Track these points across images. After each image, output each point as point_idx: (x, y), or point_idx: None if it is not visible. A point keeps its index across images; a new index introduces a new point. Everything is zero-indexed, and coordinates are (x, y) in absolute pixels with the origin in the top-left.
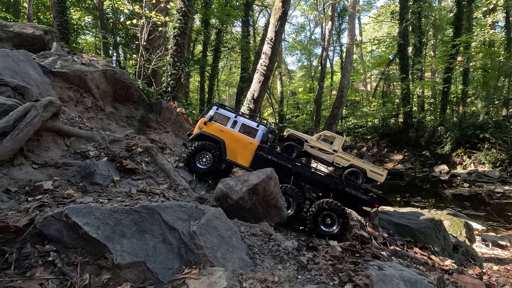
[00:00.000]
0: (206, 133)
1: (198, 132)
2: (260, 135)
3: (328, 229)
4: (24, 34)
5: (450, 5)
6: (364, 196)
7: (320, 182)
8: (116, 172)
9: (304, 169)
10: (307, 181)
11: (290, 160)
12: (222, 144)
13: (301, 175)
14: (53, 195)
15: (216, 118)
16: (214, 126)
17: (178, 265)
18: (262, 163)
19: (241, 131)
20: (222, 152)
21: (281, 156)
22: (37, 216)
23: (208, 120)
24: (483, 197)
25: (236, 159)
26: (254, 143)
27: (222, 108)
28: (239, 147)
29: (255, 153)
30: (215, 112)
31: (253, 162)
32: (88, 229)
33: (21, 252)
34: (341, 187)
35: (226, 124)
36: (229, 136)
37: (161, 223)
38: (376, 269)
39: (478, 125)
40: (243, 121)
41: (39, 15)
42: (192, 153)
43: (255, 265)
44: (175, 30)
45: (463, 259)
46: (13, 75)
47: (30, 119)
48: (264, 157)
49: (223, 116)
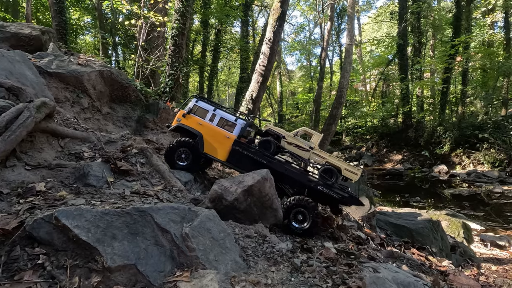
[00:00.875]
0: (184, 126)
1: (176, 125)
2: (238, 130)
3: (299, 225)
4: (21, 34)
5: (449, 5)
6: (335, 195)
7: (294, 179)
8: (110, 174)
9: (280, 165)
10: (282, 177)
11: (266, 156)
12: (200, 137)
13: (276, 172)
14: (45, 197)
15: (195, 110)
16: (192, 119)
17: (170, 268)
18: (238, 158)
19: (219, 125)
20: (200, 145)
21: (257, 152)
22: (27, 218)
23: (187, 112)
24: (482, 197)
25: (213, 153)
26: (231, 137)
27: (202, 101)
28: (216, 141)
29: (232, 147)
30: (194, 104)
31: (229, 156)
32: (78, 232)
33: (10, 255)
34: (314, 185)
35: (205, 117)
36: (207, 130)
37: (153, 225)
38: (371, 271)
39: (477, 125)
40: (221, 114)
41: (38, 15)
42: (171, 151)
43: (249, 268)
44: (173, 31)
45: (460, 259)
46: (8, 76)
47: (23, 120)
48: (240, 152)
49: (202, 109)
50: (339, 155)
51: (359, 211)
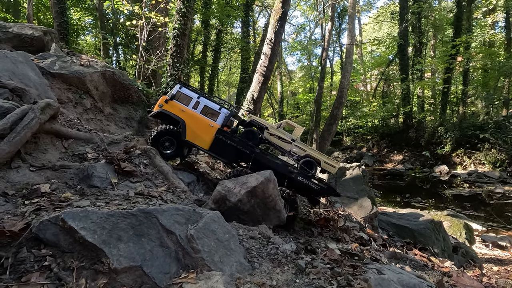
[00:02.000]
0: (167, 112)
1: (158, 110)
2: (221, 118)
3: None
4: (23, 35)
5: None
6: (315, 186)
7: (275, 170)
8: (114, 175)
9: (262, 156)
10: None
11: (249, 146)
12: (183, 124)
13: (258, 162)
14: (50, 198)
15: (179, 97)
16: (175, 105)
17: (176, 269)
18: (221, 147)
19: (203, 113)
20: (182, 132)
21: (240, 142)
22: (33, 220)
23: (170, 98)
24: (483, 198)
25: (195, 140)
26: (215, 126)
27: (186, 88)
28: (199, 128)
29: (215, 136)
30: (177, 91)
31: (212, 145)
32: (85, 234)
33: (16, 256)
34: (294, 175)
35: (188, 104)
36: (190, 117)
37: (158, 226)
38: (375, 272)
39: (478, 125)
40: (205, 102)
41: (39, 15)
42: (155, 139)
43: (253, 269)
44: (175, 31)
45: (463, 260)
46: (12, 77)
47: (28, 121)
48: (223, 141)
49: (186, 95)
50: (339, 155)
51: (361, 212)
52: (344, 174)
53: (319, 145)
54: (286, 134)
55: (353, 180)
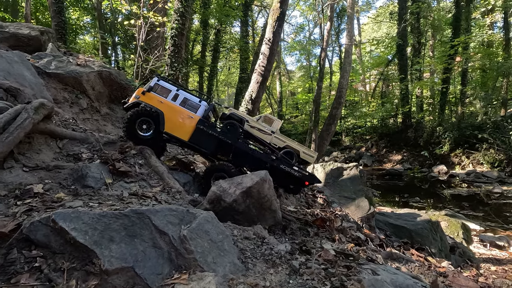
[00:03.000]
0: (144, 103)
1: (134, 101)
2: (202, 111)
3: None
4: (20, 34)
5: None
6: (296, 173)
7: (257, 159)
8: (109, 175)
9: (244, 146)
10: (245, 157)
11: (231, 137)
12: (161, 115)
13: (240, 152)
14: (43, 199)
15: (157, 89)
16: (153, 97)
17: (168, 270)
18: (203, 137)
19: (182, 105)
20: (161, 124)
21: (222, 132)
22: (24, 221)
23: (147, 90)
24: (482, 198)
25: (175, 132)
26: (195, 117)
27: (164, 81)
28: (179, 120)
29: (196, 127)
30: (155, 83)
31: (193, 136)
32: (76, 234)
33: (6, 258)
34: (276, 164)
35: (167, 96)
36: (169, 109)
37: (151, 227)
38: (370, 273)
39: (476, 125)
40: (185, 95)
41: (38, 15)
42: (131, 120)
43: (247, 270)
44: (173, 31)
45: (460, 260)
46: (7, 76)
47: (21, 121)
48: (205, 131)
49: (164, 88)
50: (338, 155)
51: (358, 212)
52: (342, 174)
53: (318, 145)
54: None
55: (350, 180)
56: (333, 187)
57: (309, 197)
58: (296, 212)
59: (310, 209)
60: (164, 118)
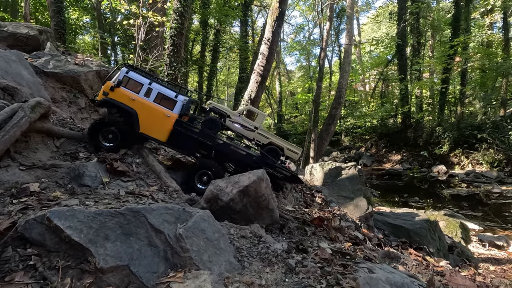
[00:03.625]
0: (114, 101)
1: (103, 99)
2: (179, 107)
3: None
4: (19, 34)
5: (448, 6)
6: (278, 174)
7: (239, 160)
8: (106, 174)
9: (225, 147)
10: (227, 158)
11: (210, 137)
12: (134, 115)
13: (221, 152)
14: (39, 197)
15: (126, 83)
16: (123, 93)
17: (164, 269)
18: (180, 139)
19: (157, 101)
20: (135, 124)
21: (201, 133)
22: (19, 219)
23: (116, 85)
24: (481, 198)
25: (151, 133)
26: (172, 116)
27: (134, 72)
28: (154, 119)
29: (173, 128)
30: (124, 75)
31: (170, 137)
32: (71, 233)
33: (1, 256)
34: (258, 166)
35: (139, 91)
36: (142, 107)
37: (147, 225)
38: (366, 271)
39: (476, 125)
40: (159, 89)
41: (37, 14)
42: (94, 129)
43: (243, 268)
44: (172, 31)
45: (458, 260)
46: (4, 75)
47: (17, 120)
48: (182, 133)
49: (135, 81)
50: (338, 155)
51: (356, 211)
52: (340, 174)
53: (317, 145)
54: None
55: (349, 180)
56: (332, 186)
57: (307, 197)
58: (294, 211)
59: (308, 209)
60: (138, 119)
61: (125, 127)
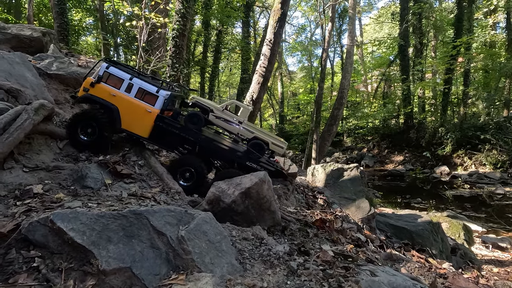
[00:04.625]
0: (95, 97)
1: (83, 95)
2: (160, 102)
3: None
4: (22, 36)
5: (450, 6)
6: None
7: (224, 155)
8: (109, 175)
9: (208, 142)
10: (210, 153)
11: (193, 133)
12: (116, 111)
13: (205, 148)
14: (42, 199)
15: (107, 78)
16: (104, 89)
17: (166, 271)
18: (163, 135)
19: (138, 97)
20: (117, 120)
21: (184, 129)
22: (23, 221)
23: (96, 81)
24: (484, 199)
25: (133, 129)
26: (154, 111)
27: (114, 67)
28: (135, 115)
29: (155, 123)
30: (104, 71)
31: (152, 133)
32: (73, 235)
33: (5, 258)
34: (243, 161)
35: (120, 87)
36: (123, 102)
37: (149, 228)
38: (368, 274)
39: (479, 126)
40: (140, 84)
41: (40, 16)
42: (73, 123)
43: (245, 270)
44: (174, 32)
45: (461, 261)
46: (8, 77)
47: (21, 122)
48: (164, 128)
49: (116, 77)
50: (340, 156)
51: (358, 213)
52: (342, 175)
53: (319, 145)
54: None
55: (351, 181)
56: (334, 188)
57: (309, 198)
58: (296, 213)
59: (310, 210)
60: (119, 114)
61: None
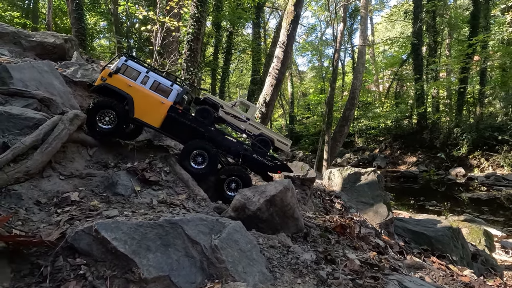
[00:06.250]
0: (112, 87)
1: (101, 84)
2: (174, 95)
3: (233, 194)
4: (46, 43)
5: (466, 3)
6: (269, 163)
7: (231, 148)
8: (137, 182)
9: (217, 134)
10: (219, 146)
11: (203, 125)
12: (130, 100)
13: (213, 140)
14: (80, 206)
15: (124, 70)
16: (121, 80)
17: (201, 279)
18: (174, 125)
19: (153, 89)
20: (130, 109)
21: (195, 120)
22: (67, 229)
23: (114, 72)
24: (502, 201)
25: (145, 118)
26: (167, 103)
27: (132, 61)
28: (149, 105)
29: (167, 114)
30: (123, 63)
31: (164, 123)
32: (116, 244)
33: (54, 265)
34: (249, 153)
35: (136, 79)
36: (139, 93)
37: (184, 237)
38: (396, 284)
39: (496, 126)
40: (155, 77)
41: (56, 20)
42: (92, 111)
43: (275, 279)
44: (189, 36)
45: (482, 268)
46: (38, 86)
47: (58, 132)
48: (176, 119)
49: (133, 69)
50: (351, 156)
51: (376, 218)
52: (359, 179)
53: (330, 146)
54: (241, 113)
55: (368, 186)
56: (351, 192)
57: (326, 202)
58: (315, 218)
59: (328, 215)
60: (133, 104)
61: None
